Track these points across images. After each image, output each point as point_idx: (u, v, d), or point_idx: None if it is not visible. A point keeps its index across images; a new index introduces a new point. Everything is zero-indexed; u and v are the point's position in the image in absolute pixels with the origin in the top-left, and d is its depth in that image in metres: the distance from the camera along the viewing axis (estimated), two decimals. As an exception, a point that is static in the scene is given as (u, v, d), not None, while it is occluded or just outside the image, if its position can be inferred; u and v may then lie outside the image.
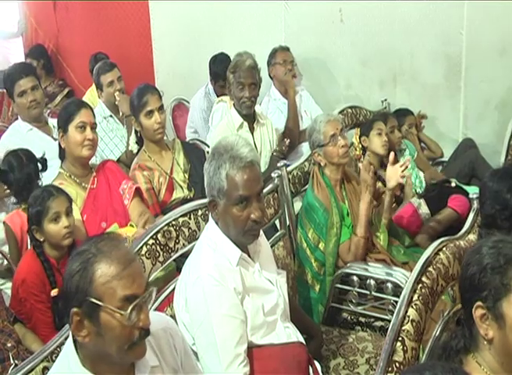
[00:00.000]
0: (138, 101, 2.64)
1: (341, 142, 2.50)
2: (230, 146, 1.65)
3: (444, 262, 1.71)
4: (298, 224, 2.53)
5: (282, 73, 3.69)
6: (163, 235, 1.91)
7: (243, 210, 1.65)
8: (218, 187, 1.65)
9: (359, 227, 2.42)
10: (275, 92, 3.77)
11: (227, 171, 1.63)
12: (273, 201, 2.40)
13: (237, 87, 2.96)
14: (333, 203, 2.47)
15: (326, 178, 2.55)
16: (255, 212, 1.65)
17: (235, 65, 2.96)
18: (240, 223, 1.66)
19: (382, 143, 3.02)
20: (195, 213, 2.05)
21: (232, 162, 1.63)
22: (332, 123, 2.54)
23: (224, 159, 1.64)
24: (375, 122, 3.11)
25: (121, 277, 1.23)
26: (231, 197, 1.64)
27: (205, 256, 1.69)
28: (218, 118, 3.40)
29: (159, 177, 2.65)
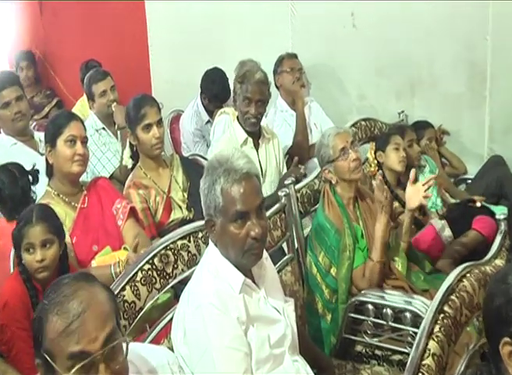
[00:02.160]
0: (135, 113, 2.67)
1: (352, 156, 2.53)
2: (225, 159, 1.68)
3: (468, 290, 1.72)
4: (307, 247, 2.54)
5: (289, 82, 3.73)
6: (160, 259, 1.93)
7: (241, 227, 1.67)
8: (214, 204, 1.67)
9: (375, 251, 2.43)
10: (282, 103, 3.81)
11: (222, 186, 1.65)
12: (280, 222, 2.42)
13: (243, 101, 2.99)
14: (346, 224, 2.49)
15: (338, 196, 2.57)
16: (255, 229, 1.66)
17: (243, 75, 2.99)
18: (238, 241, 1.67)
19: (399, 159, 3.04)
20: (195, 236, 2.07)
21: (226, 175, 1.65)
22: (342, 136, 2.57)
23: (218, 174, 1.66)
24: (391, 136, 3.13)
25: (68, 334, 1.20)
26: (228, 213, 1.66)
27: (205, 283, 1.70)
28: (219, 132, 3.44)
29: (156, 196, 2.67)
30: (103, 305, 1.27)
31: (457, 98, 3.71)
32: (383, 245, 2.43)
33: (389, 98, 3.94)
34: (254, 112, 2.99)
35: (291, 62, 3.82)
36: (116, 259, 2.24)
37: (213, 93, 3.93)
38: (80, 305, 1.23)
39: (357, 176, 2.56)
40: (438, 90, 3.78)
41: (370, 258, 2.44)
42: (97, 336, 1.22)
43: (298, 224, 2.53)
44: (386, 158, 3.08)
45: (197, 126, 3.99)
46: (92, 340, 1.22)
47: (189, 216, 2.70)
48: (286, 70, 3.79)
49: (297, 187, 2.66)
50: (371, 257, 2.43)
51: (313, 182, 2.79)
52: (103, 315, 1.25)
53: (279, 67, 3.84)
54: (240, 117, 3.07)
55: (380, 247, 2.42)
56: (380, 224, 2.43)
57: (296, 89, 3.69)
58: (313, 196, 2.74)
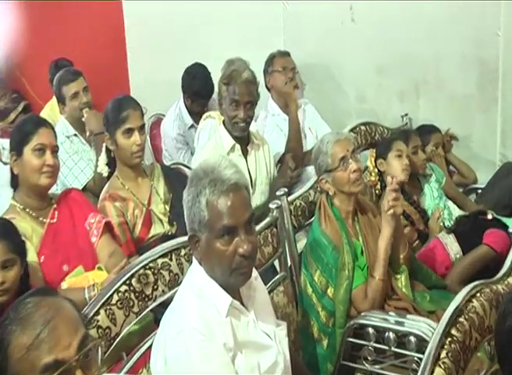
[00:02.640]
0: (116, 115, 2.68)
1: (353, 166, 2.55)
2: (211, 169, 1.68)
3: (478, 311, 1.74)
4: (302, 265, 2.56)
5: (281, 82, 3.76)
6: (138, 280, 1.93)
7: (228, 244, 1.67)
8: (199, 218, 1.67)
9: (377, 268, 2.45)
10: (274, 106, 3.83)
11: (207, 198, 1.66)
12: (271, 237, 2.43)
13: (230, 104, 3.00)
14: (344, 239, 2.51)
15: (336, 209, 2.59)
16: (243, 246, 1.67)
17: (229, 76, 3.00)
18: (225, 259, 1.68)
19: (402, 167, 3.06)
20: (177, 253, 2.08)
21: (212, 186, 1.66)
22: (342, 144, 2.59)
23: (203, 184, 1.67)
24: (393, 141, 3.16)
25: (37, 345, 1.22)
26: (213, 228, 1.66)
27: (189, 305, 1.71)
28: (205, 138, 3.45)
29: (134, 209, 2.68)
30: (71, 311, 1.29)
31: (466, 100, 3.74)
32: (386, 262, 2.46)
33: (391, 99, 3.97)
34: (243, 116, 3.00)
35: (283, 61, 3.85)
36: (90, 281, 2.24)
37: (194, 90, 3.95)
38: (47, 313, 1.25)
39: (358, 188, 2.58)
40: (445, 91, 3.81)
41: (372, 275, 2.46)
42: (71, 342, 1.24)
43: (291, 240, 2.54)
44: (388, 167, 3.10)
45: (180, 131, 4.01)
46: (66, 347, 1.23)
47: (171, 231, 2.71)
48: (278, 70, 3.81)
49: (290, 199, 2.68)
50: (373, 274, 2.46)
51: (308, 193, 2.81)
52: (73, 320, 1.27)
53: (270, 66, 3.86)
54: (227, 122, 3.08)
55: (383, 263, 2.45)
56: (384, 238, 2.46)
57: (289, 90, 3.71)
58: (308, 208, 2.76)
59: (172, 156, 4.01)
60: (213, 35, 4.40)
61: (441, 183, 3.44)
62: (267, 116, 3.83)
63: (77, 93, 3.52)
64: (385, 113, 3.96)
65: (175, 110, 4.06)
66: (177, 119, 4.04)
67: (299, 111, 3.75)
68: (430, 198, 3.31)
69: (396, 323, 2.36)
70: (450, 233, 3.01)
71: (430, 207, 3.27)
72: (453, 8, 3.63)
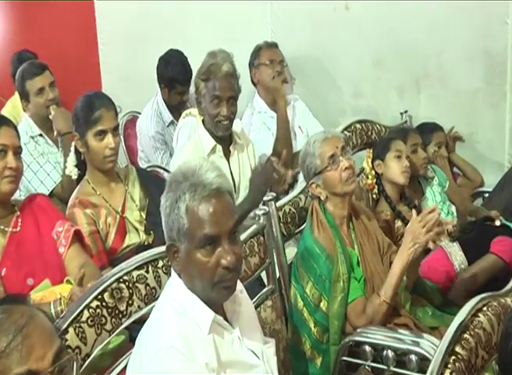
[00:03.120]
0: (87, 115, 2.67)
1: (344, 164, 2.56)
2: (191, 172, 1.68)
3: (485, 327, 1.75)
4: (292, 277, 2.57)
5: (268, 77, 3.78)
6: (111, 295, 1.93)
7: (210, 254, 1.68)
8: (178, 226, 1.68)
9: (386, 289, 2.43)
10: (260, 103, 3.85)
11: (187, 204, 1.66)
12: (258, 246, 2.44)
13: (211, 101, 3.01)
14: (339, 248, 2.52)
15: (329, 215, 2.61)
16: (227, 256, 1.67)
17: (208, 71, 3.01)
18: (207, 272, 1.68)
19: (401, 169, 3.09)
20: (154, 265, 2.08)
21: (192, 191, 1.66)
22: (330, 141, 2.61)
23: (183, 189, 1.67)
24: (392, 141, 3.18)
25: (9, 353, 1.23)
26: (194, 238, 1.67)
27: (167, 322, 1.71)
28: (184, 137, 3.45)
29: (107, 217, 2.67)
30: (45, 320, 1.31)
31: (472, 95, 3.78)
32: (398, 286, 2.45)
33: (389, 95, 4.00)
34: (226, 113, 3.01)
35: (270, 53, 3.87)
36: (57, 296, 2.23)
37: (170, 75, 3.95)
38: (20, 320, 1.26)
39: (351, 188, 2.59)
40: (448, 85, 3.84)
41: (378, 294, 2.46)
42: (46, 352, 1.26)
43: (280, 249, 2.55)
44: (386, 169, 3.12)
45: (158, 128, 4.00)
46: (40, 357, 1.25)
47: (147, 240, 2.71)
48: (265, 63, 3.84)
49: (279, 204, 2.69)
50: (379, 293, 2.46)
51: (298, 198, 2.82)
52: (48, 330, 1.29)
53: (256, 59, 3.88)
54: (208, 121, 3.08)
55: (394, 286, 2.42)
56: (401, 260, 2.41)
57: (277, 85, 3.73)
58: (298, 215, 2.78)
59: (149, 158, 4.01)
60: (191, 27, 4.41)
61: (444, 186, 3.46)
62: (253, 113, 3.85)
63: (43, 88, 3.51)
64: (382, 110, 3.99)
65: (152, 106, 4.06)
66: (155, 115, 4.03)
67: (288, 108, 3.77)
68: (432, 203, 3.33)
69: (395, 340, 2.37)
70: (455, 242, 3.02)
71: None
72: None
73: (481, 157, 3.82)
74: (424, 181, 3.42)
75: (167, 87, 3.99)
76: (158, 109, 4.04)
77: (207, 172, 1.69)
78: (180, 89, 3.97)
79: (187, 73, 3.93)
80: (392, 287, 2.43)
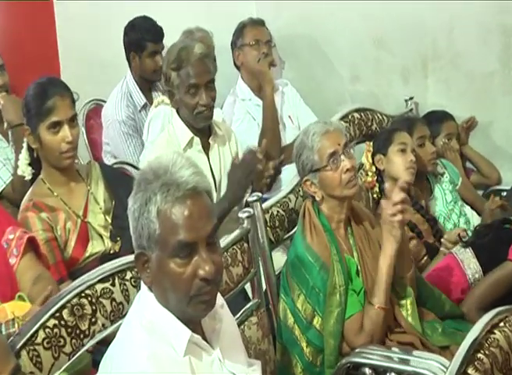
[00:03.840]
0: (38, 104, 2.65)
1: (345, 164, 2.56)
2: (163, 169, 1.67)
3: (502, 345, 1.76)
4: (281, 290, 2.57)
5: (253, 59, 3.78)
6: (71, 312, 1.92)
7: (186, 264, 1.66)
8: (148, 232, 1.67)
9: (377, 293, 2.47)
10: (244, 89, 3.85)
11: (159, 206, 1.65)
12: (241, 255, 2.45)
13: (187, 92, 2.99)
14: (335, 256, 2.52)
15: (324, 218, 2.61)
16: (205, 266, 1.66)
17: (178, 58, 2.98)
18: (182, 284, 1.67)
19: (406, 164, 3.09)
20: (121, 277, 2.08)
21: (165, 191, 1.65)
22: (332, 136, 2.60)
23: (154, 189, 1.66)
24: (395, 132, 3.19)
25: None
26: (167, 245, 1.66)
27: (137, 343, 1.70)
28: (156, 129, 3.46)
29: (66, 222, 2.66)
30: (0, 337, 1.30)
31: (487, 79, 3.79)
32: (389, 286, 2.48)
33: (392, 80, 4.02)
34: (206, 100, 3.00)
35: (256, 32, 3.87)
36: (8, 315, 2.21)
37: (138, 36, 3.94)
38: None
39: (351, 192, 2.59)
40: (460, 68, 3.86)
41: (370, 302, 2.47)
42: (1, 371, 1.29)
43: (267, 257, 2.57)
44: (388, 164, 3.13)
45: (129, 112, 3.98)
46: None
47: (113, 248, 2.70)
48: (250, 43, 3.84)
49: (266, 206, 2.69)
50: (371, 301, 2.47)
51: (287, 198, 2.83)
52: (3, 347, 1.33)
53: (240, 39, 3.88)
54: (185, 113, 3.06)
55: (385, 287, 2.46)
56: (386, 256, 2.47)
57: (264, 69, 3.73)
58: (288, 218, 2.79)
59: (117, 148, 3.96)
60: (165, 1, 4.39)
61: (456, 184, 3.48)
62: (235, 101, 3.85)
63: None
64: (384, 97, 4.00)
65: (121, 88, 4.04)
66: (125, 98, 4.00)
67: (276, 94, 3.78)
68: (442, 203, 3.34)
69: (399, 361, 2.37)
70: (467, 248, 3.01)
71: (442, 214, 3.30)
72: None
73: (498, 150, 3.84)
74: (432, 178, 3.43)
75: (137, 52, 3.96)
76: (128, 91, 4.03)
77: (181, 169, 1.68)
78: (152, 48, 3.93)
79: (157, 29, 3.92)
80: (384, 290, 2.46)
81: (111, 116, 4.00)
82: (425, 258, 3.09)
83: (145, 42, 3.94)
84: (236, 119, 3.77)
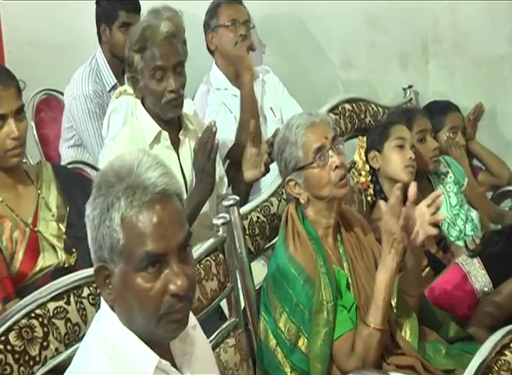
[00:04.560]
0: None
1: (334, 161, 2.57)
2: (127, 170, 1.66)
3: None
4: (261, 307, 2.58)
5: (230, 42, 3.78)
6: (19, 335, 1.91)
7: (154, 278, 1.66)
8: (110, 242, 1.66)
9: (374, 313, 2.46)
10: (219, 76, 3.86)
11: (123, 212, 1.64)
12: (216, 267, 2.46)
13: (153, 76, 3.00)
14: (322, 268, 2.53)
15: (309, 225, 2.62)
16: (176, 281, 1.66)
17: (142, 38, 2.99)
18: (150, 301, 1.67)
19: (404, 162, 3.12)
20: (78, 294, 2.08)
21: (130, 195, 1.64)
22: (318, 129, 2.61)
23: (116, 193, 1.65)
24: (392, 126, 3.21)
25: None
26: (132, 257, 1.65)
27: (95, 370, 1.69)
28: (118, 123, 3.45)
29: (13, 231, 2.65)
30: None
31: (496, 64, 3.86)
32: (387, 304, 2.48)
33: (388, 65, 4.05)
34: (175, 86, 3.00)
35: (232, 11, 3.87)
36: None
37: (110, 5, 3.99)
38: None
39: (341, 192, 2.59)
40: (465, 51, 3.91)
41: (364, 322, 2.48)
42: None
43: (246, 270, 2.58)
44: (384, 162, 3.16)
45: (97, 88, 3.98)
46: None
47: (68, 261, 2.69)
48: (225, 24, 3.83)
49: (244, 211, 2.71)
50: (366, 321, 2.47)
51: (268, 202, 2.84)
52: None
53: (214, 19, 3.87)
54: (151, 103, 3.07)
55: (382, 306, 2.45)
56: (385, 271, 2.45)
57: (241, 53, 3.74)
58: (269, 224, 2.80)
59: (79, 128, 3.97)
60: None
61: (461, 184, 3.50)
62: (209, 90, 3.85)
63: None
64: (380, 85, 4.04)
65: (90, 63, 4.01)
66: (93, 73, 3.98)
67: (256, 83, 3.80)
68: (446, 207, 3.36)
69: (397, 387, 2.39)
70: (475, 257, 3.03)
71: (446, 220, 3.32)
72: None
73: (510, 145, 3.87)
74: (434, 178, 3.45)
75: (107, 23, 3.99)
76: (98, 68, 4.02)
77: (149, 169, 1.67)
78: (124, 18, 3.97)
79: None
80: (381, 308, 2.45)
81: (76, 89, 4.00)
82: (427, 270, 3.11)
83: (117, 11, 3.96)
84: (210, 111, 3.77)
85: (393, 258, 2.45)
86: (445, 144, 3.60)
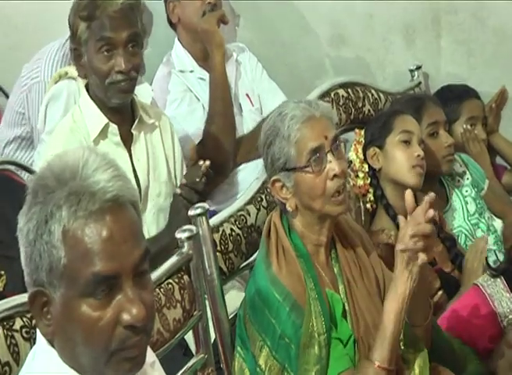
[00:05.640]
0: None
1: (333, 167, 2.55)
2: (70, 172, 1.66)
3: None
4: (236, 340, 2.58)
5: (195, 14, 3.79)
6: None
7: (104, 306, 1.65)
8: (49, 261, 1.65)
9: (380, 348, 2.45)
10: (183, 56, 3.86)
11: (65, 225, 1.63)
12: (180, 292, 2.46)
13: (99, 51, 3.01)
14: (312, 291, 2.53)
15: (297, 238, 2.62)
16: (131, 309, 1.65)
17: (92, 3, 3.00)
18: (98, 334, 1.66)
19: (411, 161, 3.13)
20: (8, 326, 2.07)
21: (74, 204, 1.63)
22: (317, 125, 2.60)
23: (57, 201, 1.64)
24: (396, 116, 3.23)
25: None
26: (76, 279, 1.64)
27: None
28: (56, 114, 3.46)
29: None
30: None
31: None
32: (397, 339, 2.46)
33: (390, 41, 4.06)
34: (125, 66, 3.01)
35: (197, -23, 3.89)
36: None
37: None
38: None
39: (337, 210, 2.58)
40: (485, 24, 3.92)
41: (369, 358, 2.47)
42: None
43: (217, 295, 2.59)
44: (387, 162, 3.17)
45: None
46: None
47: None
48: (190, -9, 3.86)
49: (214, 222, 2.72)
50: (369, 356, 2.47)
51: (245, 211, 2.86)
52: None
53: (176, -15, 3.90)
54: (95, 86, 3.08)
55: (391, 341, 2.44)
56: (396, 297, 2.42)
57: (210, 27, 3.74)
58: (246, 239, 2.82)
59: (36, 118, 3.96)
60: None
61: (481, 188, 3.53)
62: (170, 73, 3.85)
63: None
64: (380, 66, 4.04)
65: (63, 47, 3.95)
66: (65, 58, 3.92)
67: (228, 64, 3.82)
68: (462, 216, 3.38)
69: None
70: (498, 277, 3.04)
71: (463, 231, 3.34)
72: None
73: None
74: (448, 181, 3.47)
75: None
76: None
77: (97, 171, 1.66)
78: None
79: None
80: (389, 343, 2.43)
81: (42, 74, 3.96)
82: (440, 294, 3.12)
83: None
84: (173, 99, 3.78)
85: (408, 281, 2.41)
86: (461, 139, 3.62)
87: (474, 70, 3.88)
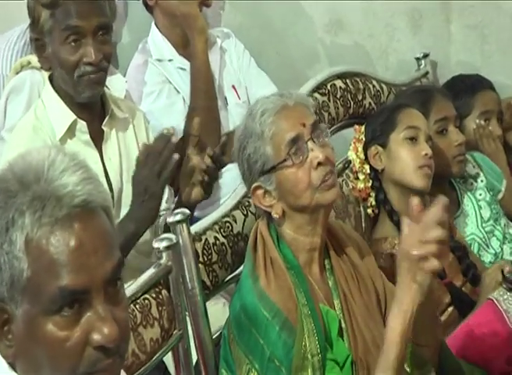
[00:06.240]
0: None
1: (315, 155, 2.57)
2: (34, 174, 1.66)
3: None
4: (221, 363, 2.59)
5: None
6: None
7: (72, 325, 1.66)
8: (10, 274, 1.65)
9: (384, 367, 2.43)
10: (160, 44, 3.87)
11: (28, 233, 1.63)
12: (158, 308, 2.47)
13: (65, 41, 3.02)
14: (304, 308, 2.55)
15: (287, 248, 2.64)
16: (102, 327, 1.65)
17: None
18: (65, 356, 1.65)
19: (418, 161, 3.15)
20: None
21: (38, 209, 1.64)
22: (292, 114, 2.63)
23: (19, 206, 1.64)
24: (401, 110, 3.25)
25: None
26: (41, 295, 1.64)
27: None
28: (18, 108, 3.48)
29: None
30: None
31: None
32: (401, 362, 2.43)
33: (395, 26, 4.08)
34: (94, 57, 3.02)
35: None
36: None
37: None
38: None
39: (327, 197, 2.59)
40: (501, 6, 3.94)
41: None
42: None
43: (199, 312, 2.60)
44: (390, 161, 3.19)
45: None
46: None
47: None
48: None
49: (197, 229, 2.73)
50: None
51: (230, 217, 2.87)
52: None
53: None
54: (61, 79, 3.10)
55: (395, 365, 2.40)
56: (401, 314, 2.36)
57: (192, 11, 3.75)
58: (232, 248, 2.83)
59: None
60: None
61: (497, 191, 3.55)
62: (147, 62, 3.85)
63: None
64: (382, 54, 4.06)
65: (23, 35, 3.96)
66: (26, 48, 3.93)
67: (212, 52, 3.84)
68: (475, 222, 3.40)
69: None
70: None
71: (476, 239, 3.35)
72: None
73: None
74: (460, 184, 3.49)
75: None
76: None
77: (64, 173, 1.66)
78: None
79: None
80: (393, 368, 2.39)
81: None
82: (450, 310, 3.13)
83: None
84: (149, 91, 3.79)
85: (414, 296, 2.34)
86: (474, 136, 3.63)
87: (488, 58, 3.89)
